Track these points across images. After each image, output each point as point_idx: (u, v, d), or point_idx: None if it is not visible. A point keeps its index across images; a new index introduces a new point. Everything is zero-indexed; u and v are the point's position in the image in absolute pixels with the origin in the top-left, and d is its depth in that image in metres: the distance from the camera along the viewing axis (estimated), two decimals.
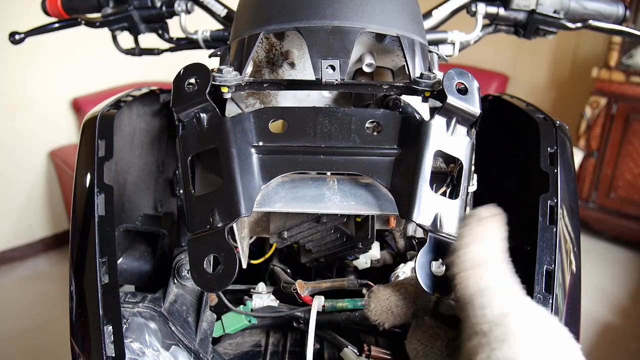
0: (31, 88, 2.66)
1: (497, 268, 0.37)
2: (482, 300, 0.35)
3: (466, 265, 0.37)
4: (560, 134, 0.68)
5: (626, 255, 2.83)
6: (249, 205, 0.47)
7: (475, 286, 0.36)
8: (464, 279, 0.36)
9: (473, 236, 0.38)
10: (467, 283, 0.36)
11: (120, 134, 0.72)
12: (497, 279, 0.36)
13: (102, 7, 0.90)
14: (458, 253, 0.37)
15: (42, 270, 2.77)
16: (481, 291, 0.35)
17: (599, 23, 0.86)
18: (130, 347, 0.54)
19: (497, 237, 0.38)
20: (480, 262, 0.37)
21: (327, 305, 0.66)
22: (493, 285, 0.36)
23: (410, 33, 0.56)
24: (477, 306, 0.35)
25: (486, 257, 0.37)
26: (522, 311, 0.35)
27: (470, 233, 0.38)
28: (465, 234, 0.38)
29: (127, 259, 0.71)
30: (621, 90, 2.67)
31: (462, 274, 0.36)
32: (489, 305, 0.35)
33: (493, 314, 0.34)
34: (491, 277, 0.36)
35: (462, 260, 0.37)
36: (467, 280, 0.36)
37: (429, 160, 0.46)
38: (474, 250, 0.37)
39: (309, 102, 0.67)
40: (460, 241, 0.38)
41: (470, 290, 0.36)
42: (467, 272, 0.36)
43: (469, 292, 0.36)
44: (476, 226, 0.38)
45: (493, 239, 0.38)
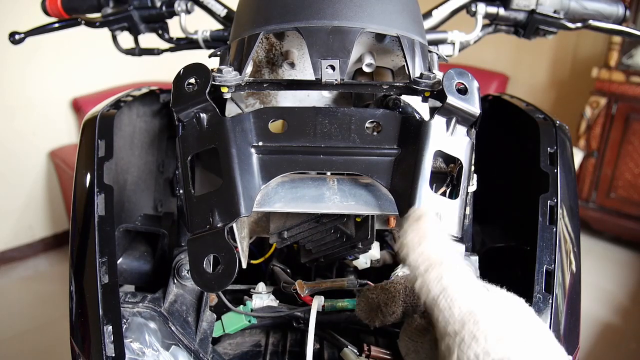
0: (31, 88, 2.66)
1: (453, 265, 0.36)
2: (445, 301, 0.34)
3: (421, 270, 0.35)
4: (560, 134, 0.68)
5: (626, 255, 2.83)
6: (249, 205, 0.47)
7: (436, 288, 0.35)
8: (423, 284, 0.35)
9: (418, 237, 0.36)
10: (427, 287, 0.35)
11: (120, 134, 0.72)
12: (456, 276, 0.35)
13: (102, 7, 0.90)
14: (409, 259, 0.36)
15: (42, 270, 2.77)
16: (443, 291, 0.35)
17: (599, 23, 0.86)
18: (130, 347, 0.54)
19: (441, 234, 0.37)
20: (434, 261, 0.36)
21: (327, 305, 0.66)
22: (453, 283, 0.35)
23: (410, 33, 0.56)
24: (442, 308, 0.34)
25: (438, 255, 0.36)
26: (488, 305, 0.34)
27: (414, 234, 0.37)
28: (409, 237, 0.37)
29: (127, 259, 0.71)
30: (621, 90, 2.66)
31: (419, 280, 0.35)
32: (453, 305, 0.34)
33: (460, 313, 0.34)
34: (449, 275, 0.35)
35: (415, 266, 0.36)
36: (426, 285, 0.35)
37: (429, 160, 0.46)
38: (424, 251, 0.36)
39: (309, 102, 0.67)
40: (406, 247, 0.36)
41: (432, 294, 0.35)
42: (424, 276, 0.35)
43: (431, 296, 0.35)
44: (417, 227, 0.37)
45: (439, 236, 0.37)
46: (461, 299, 0.34)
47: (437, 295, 0.35)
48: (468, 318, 0.33)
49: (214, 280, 0.45)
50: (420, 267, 0.36)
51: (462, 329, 0.33)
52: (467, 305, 0.34)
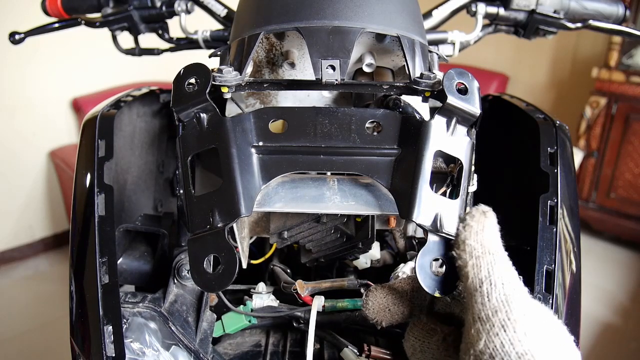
0: (31, 88, 2.66)
1: (503, 257, 0.38)
2: (488, 286, 0.36)
3: (477, 252, 0.38)
4: (560, 134, 0.68)
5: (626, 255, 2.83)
6: (249, 205, 0.47)
7: (485, 271, 0.37)
8: (474, 266, 0.38)
9: (480, 225, 0.39)
10: (477, 269, 0.37)
11: (120, 134, 0.72)
12: (504, 267, 0.38)
13: (102, 7, 0.90)
14: (468, 241, 0.39)
15: (42, 270, 2.77)
16: (489, 277, 0.37)
17: (599, 23, 0.86)
18: (130, 347, 0.54)
19: (497, 230, 0.40)
20: (489, 249, 0.38)
21: (327, 305, 0.66)
22: (499, 272, 0.37)
23: (410, 33, 0.56)
24: (483, 292, 0.36)
25: (494, 245, 0.39)
26: (521, 299, 0.36)
27: (476, 222, 0.39)
28: (472, 222, 0.40)
29: (127, 259, 0.71)
30: (621, 90, 2.67)
31: (473, 261, 0.38)
32: (493, 291, 0.36)
33: (497, 300, 0.36)
34: (499, 265, 0.37)
35: (473, 247, 0.38)
36: (477, 267, 0.38)
37: (429, 160, 0.46)
38: (484, 238, 0.39)
39: (309, 102, 0.67)
40: (469, 230, 0.39)
41: (480, 276, 0.37)
42: (478, 259, 0.38)
43: (479, 278, 0.37)
44: (481, 217, 0.40)
45: (496, 231, 0.40)
46: (501, 288, 0.36)
47: (484, 278, 0.37)
48: (502, 307, 0.35)
49: (214, 280, 0.45)
50: (477, 249, 0.38)
51: (494, 315, 0.35)
52: (504, 294, 0.36)
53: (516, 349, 0.33)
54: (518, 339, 0.33)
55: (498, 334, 0.34)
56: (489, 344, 0.34)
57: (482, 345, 0.34)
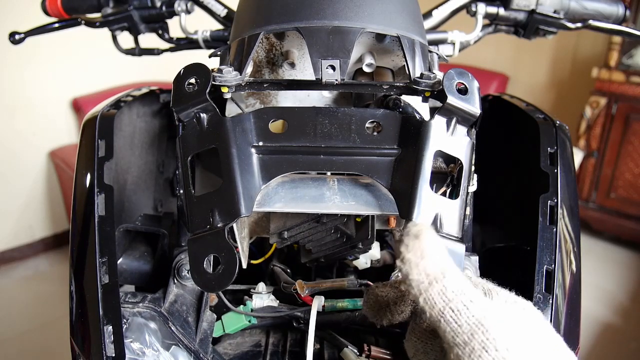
0: (31, 88, 2.66)
1: (456, 278, 0.36)
2: (451, 314, 0.34)
3: (424, 285, 0.35)
4: (560, 134, 0.68)
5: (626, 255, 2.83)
6: (249, 205, 0.47)
7: (440, 302, 0.34)
8: (427, 300, 0.35)
9: (418, 254, 0.36)
10: (431, 302, 0.35)
11: (120, 134, 0.72)
12: (460, 288, 0.35)
13: (102, 7, 0.90)
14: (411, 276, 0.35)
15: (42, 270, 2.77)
16: (449, 303, 0.34)
17: (599, 23, 0.86)
18: (130, 347, 0.54)
19: (440, 248, 0.37)
20: (437, 276, 0.35)
21: (327, 305, 0.66)
22: (457, 295, 0.35)
23: (410, 33, 0.56)
24: (449, 319, 0.34)
25: (441, 270, 0.35)
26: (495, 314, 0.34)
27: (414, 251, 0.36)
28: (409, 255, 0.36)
29: (127, 259, 0.71)
30: (621, 90, 2.67)
31: (423, 296, 0.35)
32: (459, 317, 0.34)
33: (468, 323, 0.34)
34: (453, 288, 0.35)
35: (418, 282, 0.35)
36: (430, 300, 0.35)
37: (429, 160, 0.46)
38: (426, 267, 0.35)
39: (309, 102, 0.67)
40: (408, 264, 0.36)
41: (437, 309, 0.35)
42: (427, 292, 0.35)
43: (436, 311, 0.35)
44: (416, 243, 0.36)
45: (438, 251, 0.37)
46: (467, 310, 0.34)
47: (443, 308, 0.34)
48: (477, 328, 0.33)
49: (214, 280, 0.45)
50: (423, 282, 0.35)
51: (471, 339, 0.33)
52: (474, 315, 0.34)
53: None
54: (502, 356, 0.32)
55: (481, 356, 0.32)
56: None
57: None
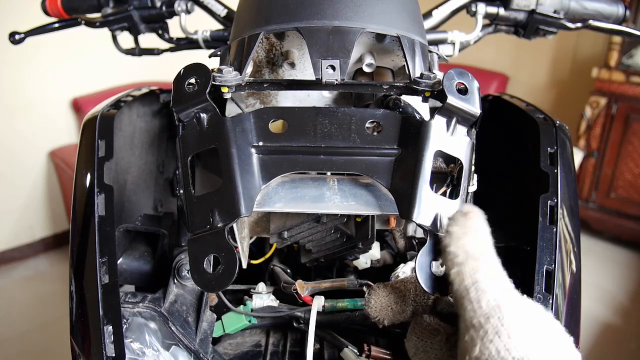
0: (31, 88, 2.66)
1: (490, 261, 0.37)
2: (476, 293, 0.36)
3: (460, 259, 0.37)
4: (560, 134, 0.68)
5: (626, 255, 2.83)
6: (249, 205, 0.47)
7: (470, 279, 0.36)
8: (458, 273, 0.37)
9: (463, 230, 0.38)
10: (461, 277, 0.36)
11: (120, 134, 0.72)
12: (490, 271, 0.37)
13: (102, 7, 0.90)
14: (450, 248, 0.38)
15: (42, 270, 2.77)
16: (475, 284, 0.36)
17: (599, 23, 0.86)
18: (130, 347, 0.54)
19: (485, 231, 0.39)
20: (472, 255, 0.37)
21: (327, 305, 0.66)
22: (486, 277, 0.36)
23: (410, 33, 0.56)
24: (471, 299, 0.35)
25: (478, 250, 0.37)
26: (514, 303, 0.35)
27: (459, 227, 0.38)
28: (454, 228, 0.38)
29: (127, 259, 0.71)
30: (621, 90, 2.67)
31: (456, 269, 0.37)
32: (482, 298, 0.35)
33: (487, 306, 0.35)
34: (484, 270, 0.36)
35: (455, 255, 0.37)
36: (461, 274, 0.37)
37: (429, 160, 0.46)
38: (466, 243, 0.37)
39: (309, 102, 0.67)
40: (450, 236, 0.38)
41: (465, 284, 0.36)
42: (461, 266, 0.37)
43: (464, 286, 0.36)
44: (464, 220, 0.39)
45: (482, 232, 0.39)
46: (491, 293, 0.35)
47: (470, 285, 0.36)
48: (494, 312, 0.34)
49: (214, 280, 0.45)
50: (459, 257, 0.37)
51: (487, 322, 0.34)
52: (495, 300, 0.35)
53: (512, 354, 0.32)
54: (514, 344, 0.33)
55: (493, 341, 0.33)
56: (484, 351, 0.33)
57: (477, 352, 0.33)
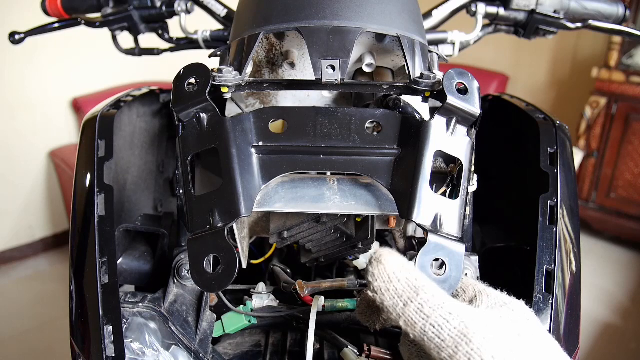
0: (31, 88, 2.66)
1: (431, 291, 0.35)
2: (432, 328, 0.34)
3: (399, 308, 0.35)
4: (560, 134, 0.68)
5: (626, 255, 2.83)
6: (249, 205, 0.47)
7: (420, 320, 0.34)
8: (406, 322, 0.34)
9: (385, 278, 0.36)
10: (411, 323, 0.34)
11: (120, 134, 0.72)
12: (436, 301, 0.34)
13: (102, 7, 0.90)
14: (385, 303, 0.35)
15: (42, 270, 2.77)
16: (428, 319, 0.34)
17: (599, 23, 0.86)
18: (130, 347, 0.54)
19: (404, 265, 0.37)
20: (410, 295, 0.35)
21: (327, 305, 0.66)
22: (435, 310, 0.34)
23: (410, 33, 0.56)
24: (431, 336, 0.33)
25: (410, 288, 0.35)
26: (478, 322, 0.33)
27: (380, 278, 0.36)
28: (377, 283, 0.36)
29: (127, 259, 0.71)
30: (621, 90, 2.67)
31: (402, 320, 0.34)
32: (442, 330, 0.33)
33: (451, 336, 0.33)
34: (431, 303, 0.34)
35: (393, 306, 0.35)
36: (409, 321, 0.34)
37: (429, 160, 0.46)
38: (395, 290, 0.35)
39: (309, 102, 0.67)
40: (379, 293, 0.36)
41: (418, 325, 0.34)
42: (405, 314, 0.34)
43: (418, 328, 0.34)
44: (379, 268, 0.36)
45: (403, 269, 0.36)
46: (448, 323, 0.33)
47: (424, 325, 0.34)
48: (460, 340, 0.33)
49: (214, 280, 0.45)
50: (398, 305, 0.35)
51: (456, 351, 0.32)
52: (455, 327, 0.33)
53: None
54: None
55: None
56: None
57: None
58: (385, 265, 0.36)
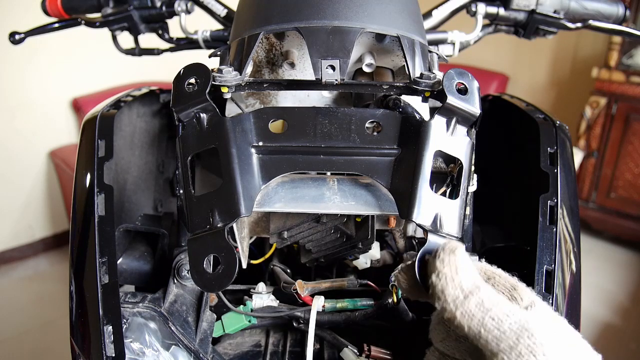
0: (31, 88, 2.66)
1: (488, 290, 0.37)
2: (493, 322, 0.35)
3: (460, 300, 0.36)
4: (560, 134, 0.68)
5: (626, 255, 2.83)
6: (249, 205, 0.47)
7: (480, 313, 0.36)
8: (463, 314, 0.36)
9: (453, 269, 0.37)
10: (469, 315, 0.36)
11: (120, 134, 0.72)
12: (494, 299, 0.36)
13: (102, 7, 0.90)
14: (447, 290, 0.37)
15: (42, 270, 2.77)
16: (488, 312, 0.35)
17: (599, 23, 0.86)
18: (130, 347, 0.54)
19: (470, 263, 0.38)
20: (472, 289, 0.36)
21: (327, 305, 0.66)
22: (495, 306, 0.36)
23: (410, 33, 0.56)
24: (491, 329, 0.35)
25: (473, 284, 0.37)
26: (535, 321, 0.35)
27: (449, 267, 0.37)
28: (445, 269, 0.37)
29: (127, 259, 0.71)
30: (621, 90, 2.66)
31: (459, 310, 0.36)
32: (502, 324, 0.35)
33: (512, 329, 0.34)
34: (489, 299, 0.36)
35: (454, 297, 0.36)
36: (467, 313, 0.36)
37: (429, 160, 0.46)
38: (462, 280, 0.37)
39: (309, 102, 0.67)
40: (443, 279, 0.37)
41: (477, 318, 0.36)
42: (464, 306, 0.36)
43: (477, 321, 0.36)
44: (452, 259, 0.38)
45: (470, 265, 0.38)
46: (509, 317, 0.35)
47: (482, 318, 0.35)
48: (522, 333, 0.34)
49: (214, 280, 0.45)
50: (459, 297, 0.36)
51: (517, 343, 0.34)
52: (516, 321, 0.35)
53: None
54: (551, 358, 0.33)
55: None
56: None
57: None
58: (457, 257, 0.38)
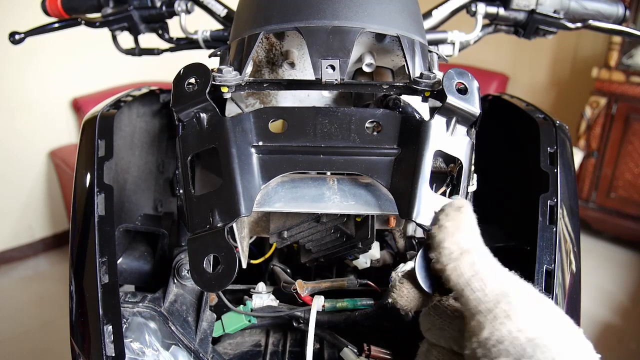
0: (31, 88, 2.66)
1: (484, 252, 0.38)
2: (478, 283, 0.36)
3: (455, 255, 0.38)
4: (560, 134, 0.68)
5: (626, 255, 2.83)
6: (249, 205, 0.47)
7: (469, 271, 0.37)
8: (455, 268, 0.37)
9: (456, 224, 0.39)
10: (459, 271, 0.37)
11: (120, 134, 0.72)
12: (487, 261, 0.38)
13: (102, 7, 0.90)
14: (445, 244, 0.38)
15: (42, 270, 2.77)
16: (476, 274, 0.37)
17: (599, 23, 0.86)
18: (130, 347, 0.54)
19: (475, 225, 0.40)
20: (467, 249, 0.38)
21: (327, 305, 0.66)
22: (485, 268, 0.37)
23: (410, 33, 0.56)
24: (475, 289, 0.36)
25: (471, 243, 0.38)
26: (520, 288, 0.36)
27: (452, 221, 0.39)
28: (448, 223, 0.39)
29: (127, 259, 0.71)
30: (621, 90, 2.67)
31: (452, 264, 0.37)
32: (486, 286, 0.36)
33: (493, 293, 0.36)
34: (481, 261, 0.37)
35: (450, 251, 0.38)
36: (459, 269, 0.37)
37: (429, 160, 0.46)
38: (461, 238, 0.38)
39: (309, 102, 0.67)
40: (444, 231, 0.39)
41: (465, 277, 0.37)
42: (457, 262, 0.37)
43: (464, 279, 0.37)
44: (457, 215, 0.39)
45: (473, 226, 0.39)
46: (493, 281, 0.36)
47: (470, 277, 0.37)
48: (502, 298, 0.35)
49: (214, 280, 0.45)
50: (454, 252, 0.38)
51: (495, 307, 0.35)
52: (499, 286, 0.36)
53: (525, 334, 0.33)
54: (526, 325, 0.34)
55: (504, 323, 0.34)
56: (494, 332, 0.34)
57: (486, 334, 0.34)
58: (463, 215, 0.39)
